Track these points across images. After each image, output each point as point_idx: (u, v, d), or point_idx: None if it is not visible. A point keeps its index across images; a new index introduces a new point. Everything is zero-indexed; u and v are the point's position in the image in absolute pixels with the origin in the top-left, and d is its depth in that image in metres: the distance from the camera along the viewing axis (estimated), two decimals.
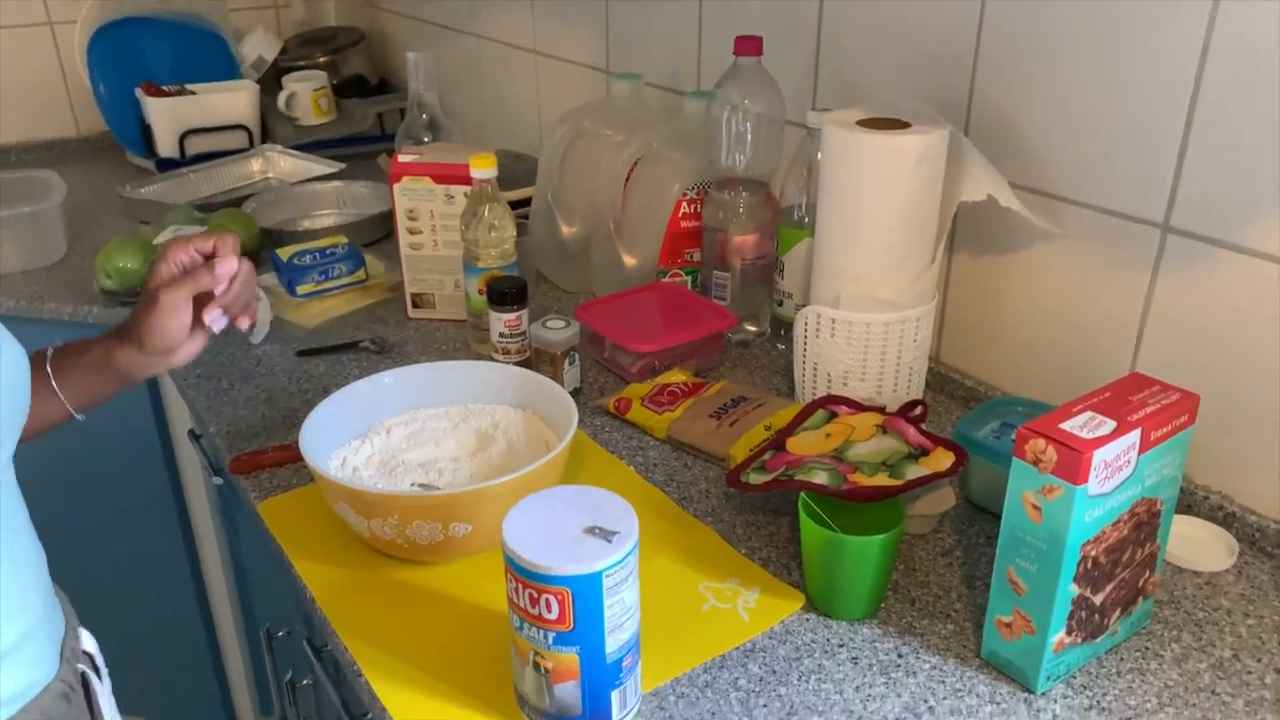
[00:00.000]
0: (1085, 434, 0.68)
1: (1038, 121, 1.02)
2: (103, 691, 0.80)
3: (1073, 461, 0.67)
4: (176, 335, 0.88)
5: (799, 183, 1.17)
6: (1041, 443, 0.69)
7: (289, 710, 1.16)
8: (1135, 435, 0.69)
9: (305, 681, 1.12)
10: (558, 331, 1.14)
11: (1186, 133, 0.90)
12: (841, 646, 0.80)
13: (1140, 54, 0.91)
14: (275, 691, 1.21)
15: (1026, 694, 0.75)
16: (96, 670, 0.80)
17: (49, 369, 0.89)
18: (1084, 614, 0.74)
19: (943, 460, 0.87)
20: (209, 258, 0.89)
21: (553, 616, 0.67)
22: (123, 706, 0.85)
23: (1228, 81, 0.86)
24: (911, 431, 0.92)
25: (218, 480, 1.26)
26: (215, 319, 0.89)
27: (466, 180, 1.24)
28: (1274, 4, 0.81)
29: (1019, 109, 1.03)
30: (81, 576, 0.96)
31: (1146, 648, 0.80)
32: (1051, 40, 0.98)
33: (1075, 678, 0.77)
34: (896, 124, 0.97)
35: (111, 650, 0.85)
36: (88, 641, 0.81)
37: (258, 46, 2.19)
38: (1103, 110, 0.96)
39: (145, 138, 1.96)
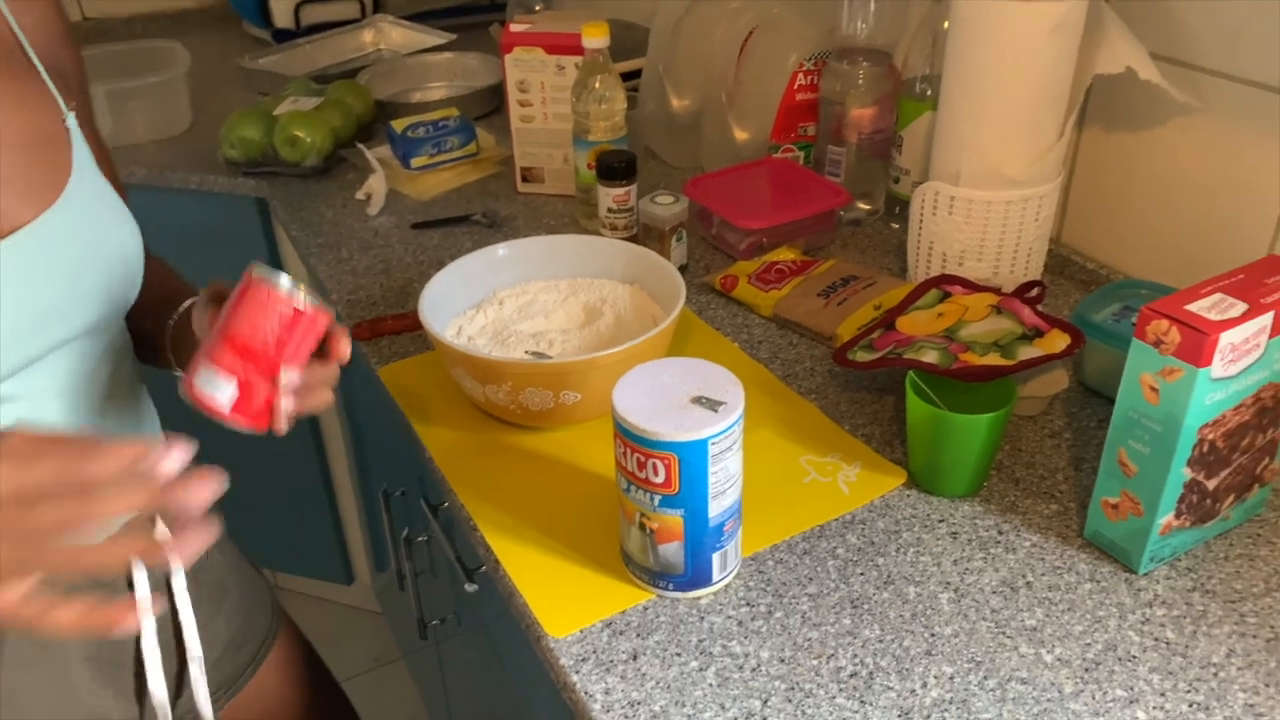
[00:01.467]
0: (1213, 315, 0.66)
1: None
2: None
3: (1196, 343, 0.65)
4: None
5: (923, 53, 1.12)
6: (1164, 324, 0.67)
7: (404, 564, 1.24)
8: (1267, 318, 0.67)
9: (420, 538, 1.19)
10: (666, 207, 1.13)
11: None
12: (941, 522, 0.81)
13: None
14: (391, 547, 1.29)
15: (1128, 574, 0.75)
16: None
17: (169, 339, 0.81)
18: (1195, 498, 0.73)
19: (1058, 342, 0.86)
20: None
21: (659, 480, 0.69)
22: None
23: None
24: (1027, 312, 0.90)
25: None
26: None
27: (578, 50, 1.23)
28: None
29: None
30: (208, 434, 1.02)
31: (1258, 534, 0.78)
32: None
33: (1180, 560, 0.76)
34: None
35: (236, 505, 0.91)
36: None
37: None
38: None
39: (262, 8, 1.99)
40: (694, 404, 0.70)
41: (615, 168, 1.14)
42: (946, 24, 0.98)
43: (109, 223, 0.73)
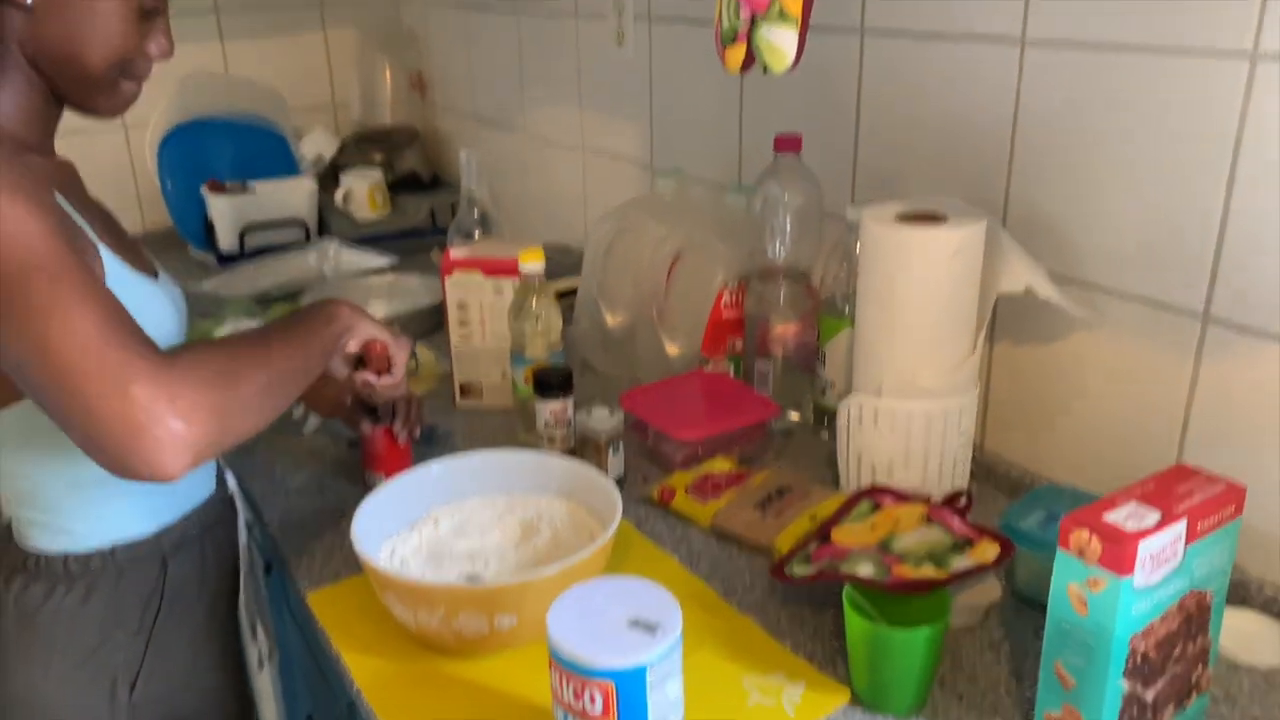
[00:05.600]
0: (1130, 525, 0.68)
1: (1074, 213, 1.03)
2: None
3: (1118, 553, 0.67)
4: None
5: (839, 274, 1.19)
6: (1085, 534, 0.68)
7: None
8: (1181, 526, 0.69)
9: None
10: (602, 420, 1.15)
11: (1223, 223, 0.91)
12: None
13: (1174, 148, 0.93)
14: None
15: None
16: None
17: None
18: (1135, 710, 0.72)
19: (988, 551, 0.87)
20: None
21: (596, 711, 0.67)
22: None
23: (1262, 173, 0.87)
24: (956, 522, 0.91)
25: (267, 571, 1.28)
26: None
27: (515, 273, 1.28)
28: None
29: (1055, 201, 1.05)
30: None
31: None
32: (1086, 135, 1.00)
33: None
34: (934, 218, 0.99)
35: None
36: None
37: (317, 145, 2.29)
38: (1139, 202, 0.97)
39: (207, 233, 2.05)
40: (631, 627, 0.69)
41: (551, 383, 1.17)
42: (858, 247, 1.05)
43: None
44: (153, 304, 0.93)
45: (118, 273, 0.89)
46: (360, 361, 1.06)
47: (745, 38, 0.81)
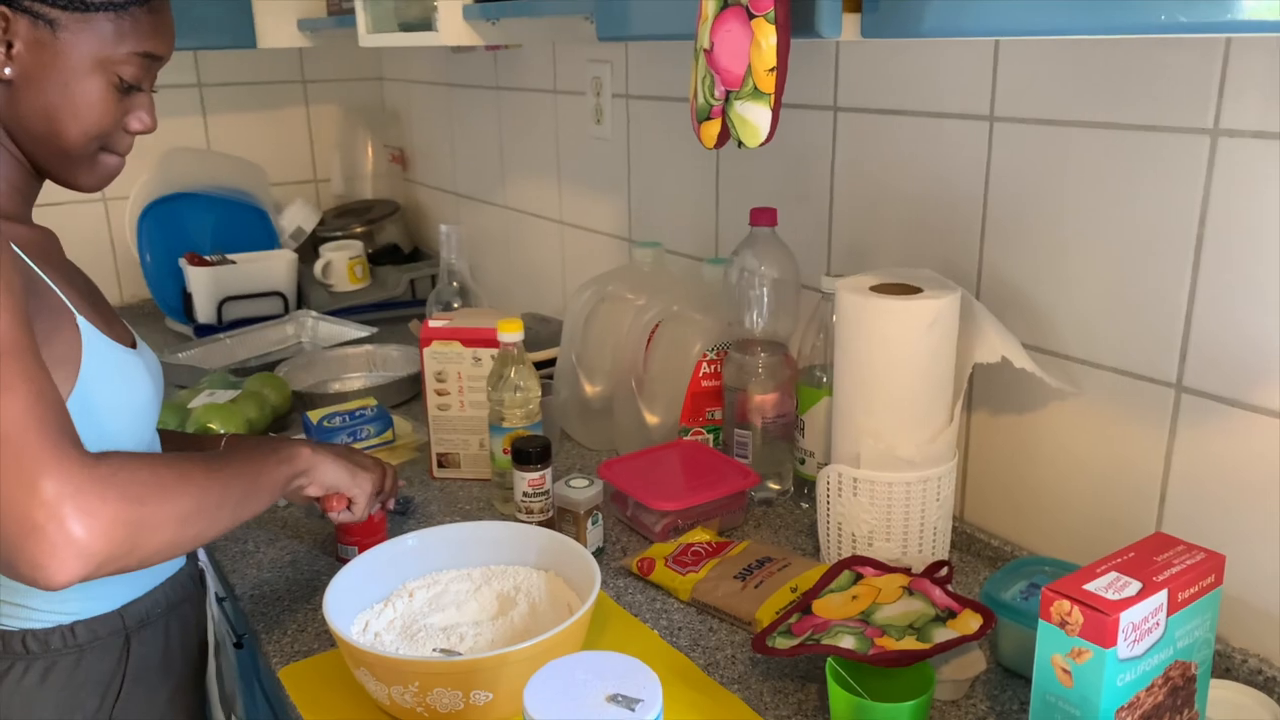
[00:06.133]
0: (1111, 595, 0.67)
1: (1046, 285, 1.05)
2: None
3: (1100, 623, 0.66)
4: None
5: (816, 344, 1.20)
6: (1067, 604, 0.68)
7: None
8: (1162, 596, 0.69)
9: None
10: (580, 490, 1.15)
11: (1192, 293, 0.92)
12: None
13: (1142, 221, 0.95)
14: None
15: None
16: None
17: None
18: None
19: (971, 622, 0.86)
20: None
21: None
22: None
23: (1227, 245, 0.89)
24: (938, 593, 0.91)
25: (237, 645, 1.25)
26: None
27: (494, 344, 1.28)
28: (1266, 174, 0.85)
29: (1026, 274, 1.06)
30: None
31: None
32: (1055, 208, 1.02)
33: None
34: (908, 289, 1.00)
35: None
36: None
37: (297, 218, 2.31)
38: (1109, 274, 0.99)
39: (185, 305, 2.04)
40: (610, 702, 0.67)
41: (529, 452, 1.16)
42: (835, 317, 1.06)
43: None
44: (130, 373, 0.92)
45: (95, 342, 0.88)
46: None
47: (720, 114, 0.82)
